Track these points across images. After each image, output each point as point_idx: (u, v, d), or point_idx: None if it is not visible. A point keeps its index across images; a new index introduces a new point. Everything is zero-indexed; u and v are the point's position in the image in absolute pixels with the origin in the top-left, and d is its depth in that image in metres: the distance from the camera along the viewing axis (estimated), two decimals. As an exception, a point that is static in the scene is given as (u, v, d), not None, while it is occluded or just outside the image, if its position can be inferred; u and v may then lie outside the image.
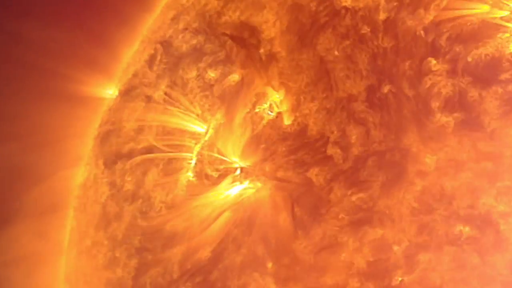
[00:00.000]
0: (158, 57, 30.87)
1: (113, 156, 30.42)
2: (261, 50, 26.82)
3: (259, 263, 24.01)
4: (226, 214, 25.22)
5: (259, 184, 24.95)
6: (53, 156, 33.33)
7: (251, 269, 24.11)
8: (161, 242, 26.56)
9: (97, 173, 31.29)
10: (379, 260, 21.82)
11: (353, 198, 22.83)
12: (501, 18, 22.17)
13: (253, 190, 25.09)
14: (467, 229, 20.84)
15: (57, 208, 33.48)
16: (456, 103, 21.98)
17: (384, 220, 22.07)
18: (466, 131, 21.47)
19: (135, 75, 31.91)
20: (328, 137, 23.88)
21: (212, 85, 27.64)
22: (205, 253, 25.21)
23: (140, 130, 29.57)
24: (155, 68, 30.73)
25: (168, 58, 30.20)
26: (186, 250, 25.66)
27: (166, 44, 31.05)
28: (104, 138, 31.80)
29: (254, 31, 27.40)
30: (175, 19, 31.55)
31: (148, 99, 29.95)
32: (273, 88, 25.73)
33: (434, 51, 22.87)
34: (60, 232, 33.45)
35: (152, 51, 31.59)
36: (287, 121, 25.09)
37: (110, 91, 33.60)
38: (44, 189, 32.84)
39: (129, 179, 28.81)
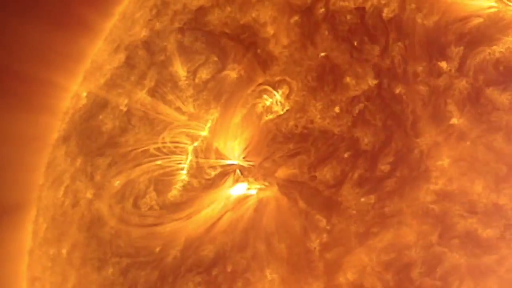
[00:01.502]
0: (140, 57, 30.08)
1: (94, 156, 29.43)
2: (259, 50, 26.41)
3: (266, 263, 23.59)
4: (228, 215, 24.70)
5: (263, 184, 24.47)
6: (16, 156, 32.38)
7: (256, 270, 23.68)
8: (158, 243, 25.81)
9: (74, 172, 30.23)
10: (395, 260, 21.72)
11: (365, 198, 22.68)
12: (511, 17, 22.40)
13: (257, 190, 24.61)
14: (486, 231, 20.94)
15: (20, 209, 32.45)
16: (469, 103, 22.07)
17: (398, 220, 21.98)
18: (481, 131, 21.60)
19: (113, 74, 31.01)
20: (336, 137, 23.62)
21: (206, 84, 27.03)
22: (206, 254, 24.61)
23: (125, 130, 28.69)
24: (136, 68, 29.89)
25: (153, 58, 29.44)
26: (185, 251, 25.02)
27: (148, 42, 30.29)
28: (80, 138, 30.75)
29: (250, 29, 26.98)
30: (157, 16, 30.84)
31: (132, 99, 29.08)
32: (275, 86, 25.30)
33: (443, 51, 22.94)
34: (22, 233, 32.45)
35: (132, 50, 30.79)
36: (291, 120, 24.74)
37: (82, 92, 32.82)
38: (7, 190, 31.87)
39: (116, 178, 27.90)
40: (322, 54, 25.07)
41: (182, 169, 26.25)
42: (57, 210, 30.04)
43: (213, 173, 25.60)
